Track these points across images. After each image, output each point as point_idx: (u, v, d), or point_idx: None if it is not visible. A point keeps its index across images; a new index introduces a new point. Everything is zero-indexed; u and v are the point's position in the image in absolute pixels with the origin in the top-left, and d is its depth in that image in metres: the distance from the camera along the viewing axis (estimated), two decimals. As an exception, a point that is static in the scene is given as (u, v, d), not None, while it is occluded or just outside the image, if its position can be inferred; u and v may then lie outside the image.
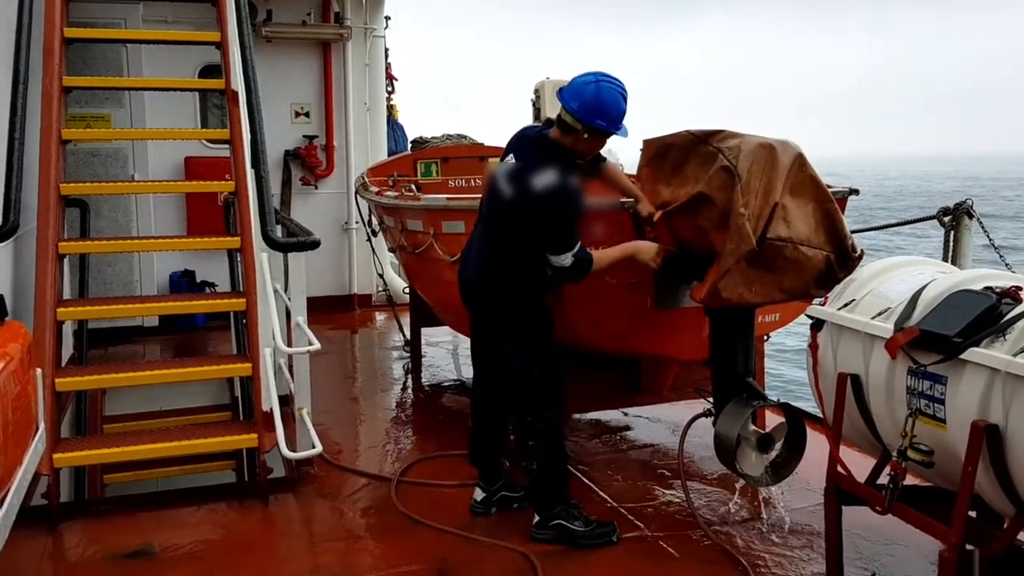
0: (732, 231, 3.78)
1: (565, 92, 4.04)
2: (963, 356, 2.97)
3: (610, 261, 4.13)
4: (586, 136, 4.00)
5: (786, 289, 3.90)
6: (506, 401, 4.39)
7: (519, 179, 4.06)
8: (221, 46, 5.86)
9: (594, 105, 3.95)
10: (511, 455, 4.65)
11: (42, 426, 2.67)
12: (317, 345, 4.76)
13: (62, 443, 4.67)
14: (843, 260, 3.89)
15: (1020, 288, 3.13)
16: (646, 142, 4.39)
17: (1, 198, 4.52)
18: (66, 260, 5.40)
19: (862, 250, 3.99)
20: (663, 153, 4.27)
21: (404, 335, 8.10)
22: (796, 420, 4.13)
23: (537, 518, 4.22)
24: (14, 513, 2.30)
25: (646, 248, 4.17)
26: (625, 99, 4.01)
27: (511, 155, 4.20)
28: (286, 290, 5.25)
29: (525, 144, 4.20)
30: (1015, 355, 2.81)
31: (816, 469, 3.93)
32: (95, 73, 7.79)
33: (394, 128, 10.88)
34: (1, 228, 4.44)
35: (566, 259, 3.97)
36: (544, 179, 3.96)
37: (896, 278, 3.63)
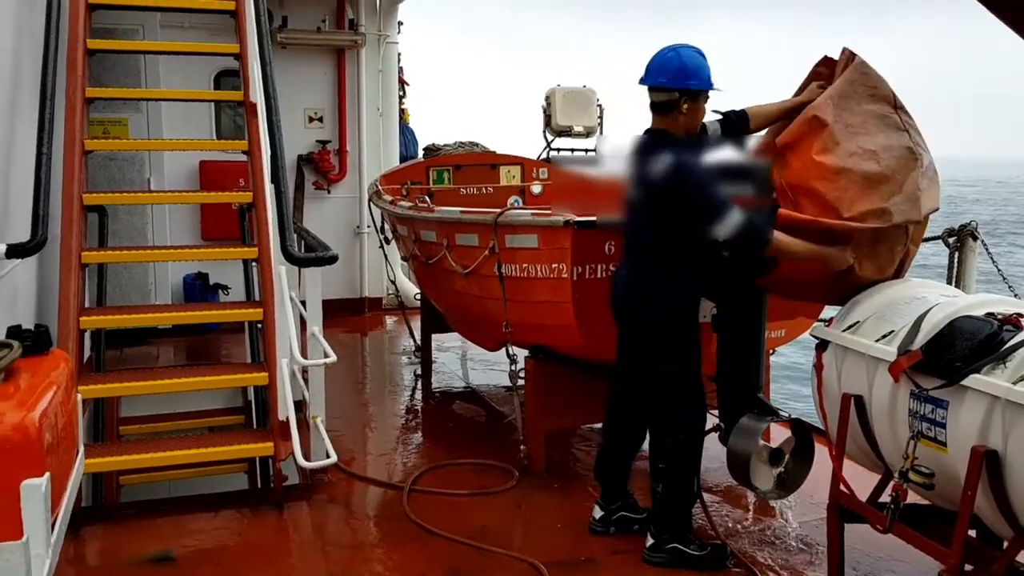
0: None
1: (650, 73, 4.02)
2: (964, 382, 3.05)
3: (797, 248, 3.88)
4: (685, 105, 3.98)
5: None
6: (648, 418, 4.29)
7: (645, 181, 4.05)
8: (240, 57, 5.92)
9: (681, 68, 3.96)
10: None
11: (82, 449, 2.79)
12: (333, 357, 4.84)
13: (85, 448, 4.76)
14: None
15: (1021, 316, 3.20)
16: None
17: (30, 212, 4.61)
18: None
19: None
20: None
21: (415, 340, 8.19)
22: (804, 434, 4.21)
23: (651, 541, 4.16)
24: (62, 538, 2.40)
25: (839, 259, 3.92)
26: (705, 57, 4.04)
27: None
28: (300, 296, 5.32)
29: (640, 151, 4.15)
30: (1015, 383, 2.89)
31: (821, 483, 4.02)
32: (113, 78, 7.89)
33: (404, 133, 10.99)
34: (31, 242, 4.53)
35: (730, 222, 3.78)
36: (660, 164, 3.92)
37: (900, 301, 3.70)
